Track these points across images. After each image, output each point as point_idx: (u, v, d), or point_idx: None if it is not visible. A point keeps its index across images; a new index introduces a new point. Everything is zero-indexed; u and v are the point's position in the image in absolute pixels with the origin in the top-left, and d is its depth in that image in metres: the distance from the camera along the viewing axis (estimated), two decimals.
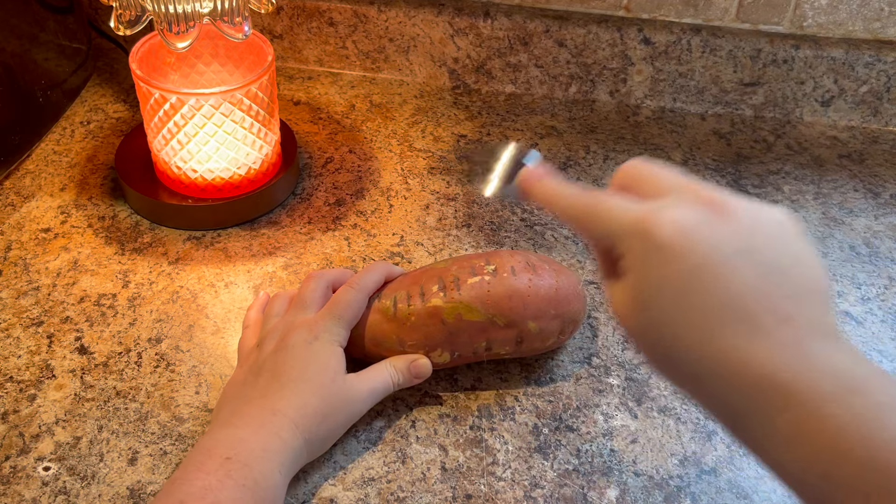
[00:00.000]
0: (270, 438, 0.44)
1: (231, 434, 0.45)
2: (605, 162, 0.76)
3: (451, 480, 0.49)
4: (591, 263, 0.65)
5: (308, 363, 0.48)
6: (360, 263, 0.64)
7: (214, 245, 0.65)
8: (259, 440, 0.44)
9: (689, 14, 0.81)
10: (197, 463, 0.43)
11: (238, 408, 0.47)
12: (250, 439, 0.44)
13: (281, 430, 0.45)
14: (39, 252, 0.63)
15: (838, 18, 0.80)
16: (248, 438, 0.44)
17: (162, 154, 0.64)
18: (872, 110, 0.82)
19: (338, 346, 0.50)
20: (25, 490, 0.48)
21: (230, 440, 0.44)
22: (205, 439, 0.45)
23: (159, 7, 0.55)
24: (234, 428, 0.45)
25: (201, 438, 0.46)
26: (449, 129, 0.79)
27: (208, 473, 0.41)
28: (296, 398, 0.47)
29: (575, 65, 0.83)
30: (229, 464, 0.42)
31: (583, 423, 0.53)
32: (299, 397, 0.47)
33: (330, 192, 0.71)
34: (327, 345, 0.50)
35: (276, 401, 0.47)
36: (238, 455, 0.43)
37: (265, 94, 0.63)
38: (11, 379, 0.54)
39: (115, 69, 0.85)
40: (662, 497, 0.49)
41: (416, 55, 0.84)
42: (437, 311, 0.51)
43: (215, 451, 0.43)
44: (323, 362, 0.49)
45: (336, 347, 0.50)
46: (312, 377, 0.48)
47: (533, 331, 0.52)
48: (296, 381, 0.48)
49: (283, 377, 0.48)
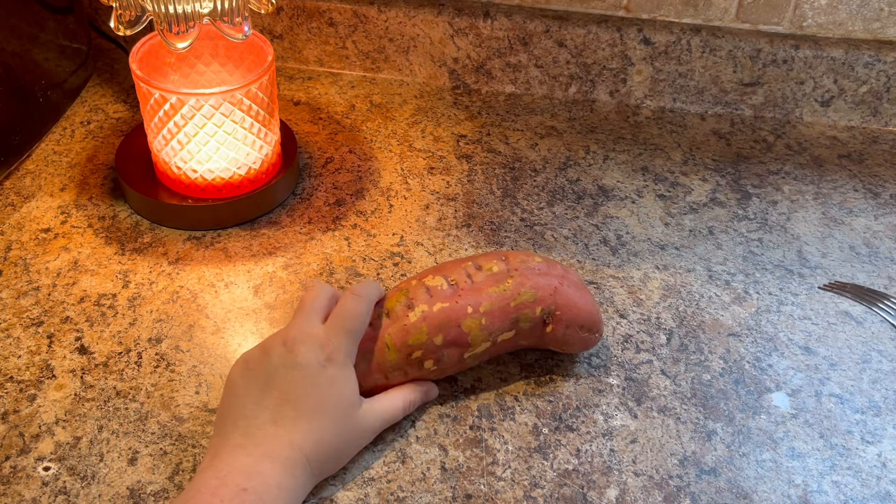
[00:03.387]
0: (286, 477, 0.44)
1: (248, 464, 0.44)
2: (605, 162, 0.76)
3: (451, 480, 0.49)
4: (590, 264, 0.65)
5: (323, 392, 0.46)
6: (360, 263, 0.64)
7: (214, 245, 0.65)
8: (275, 475, 0.43)
9: (689, 14, 0.81)
10: (212, 488, 0.42)
11: (249, 429, 0.45)
12: (268, 473, 0.43)
13: (296, 468, 0.44)
14: (39, 252, 0.63)
15: (838, 18, 0.80)
16: (266, 472, 0.43)
17: (162, 154, 0.64)
18: (872, 110, 0.82)
19: (351, 370, 0.49)
20: (25, 490, 0.48)
21: (248, 471, 0.43)
22: (215, 458, 0.44)
23: (159, 7, 0.55)
24: (251, 457, 0.44)
25: (213, 459, 0.44)
26: (449, 129, 0.79)
27: (223, 501, 0.41)
28: (312, 434, 0.46)
29: (575, 65, 0.83)
30: (245, 495, 0.42)
31: (583, 423, 0.53)
32: (316, 433, 0.46)
33: (330, 192, 0.71)
34: (342, 368, 0.48)
35: (292, 432, 0.45)
36: (255, 488, 0.42)
37: (265, 94, 0.63)
38: (11, 379, 0.54)
39: (115, 69, 0.85)
40: (662, 497, 0.49)
41: (416, 55, 0.84)
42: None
43: (231, 480, 0.42)
44: (339, 392, 0.47)
45: (350, 372, 0.48)
46: (330, 410, 0.46)
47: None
48: (312, 413, 0.46)
49: (299, 404, 0.46)
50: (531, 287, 0.52)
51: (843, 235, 0.70)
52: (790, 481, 0.51)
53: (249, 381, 0.47)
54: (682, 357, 0.58)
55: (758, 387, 0.56)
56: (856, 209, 0.73)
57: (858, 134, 0.82)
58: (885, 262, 0.67)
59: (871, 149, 0.80)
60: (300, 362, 0.47)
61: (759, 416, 0.54)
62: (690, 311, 0.62)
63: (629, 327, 0.60)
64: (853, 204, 0.74)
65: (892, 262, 0.67)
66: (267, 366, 0.47)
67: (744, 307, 0.62)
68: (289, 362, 0.47)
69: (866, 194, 0.75)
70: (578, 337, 0.54)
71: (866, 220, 0.72)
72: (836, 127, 0.83)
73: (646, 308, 0.62)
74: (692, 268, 0.65)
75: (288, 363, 0.47)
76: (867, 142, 0.81)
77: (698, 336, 0.60)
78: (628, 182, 0.74)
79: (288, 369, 0.47)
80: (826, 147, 0.80)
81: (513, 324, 0.52)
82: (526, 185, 0.73)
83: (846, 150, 0.80)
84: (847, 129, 0.83)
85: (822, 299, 0.63)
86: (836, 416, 0.55)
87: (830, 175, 0.77)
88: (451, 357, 0.51)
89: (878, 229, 0.71)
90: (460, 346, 0.51)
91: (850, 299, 0.60)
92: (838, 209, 0.73)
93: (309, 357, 0.47)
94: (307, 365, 0.47)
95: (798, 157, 0.79)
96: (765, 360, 0.58)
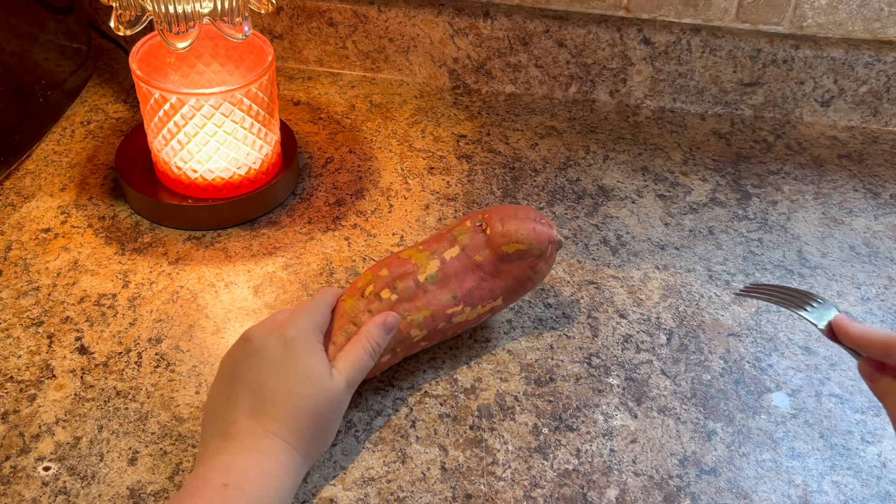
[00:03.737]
0: (268, 462, 0.43)
1: (227, 460, 0.43)
2: (605, 162, 0.76)
3: (451, 480, 0.49)
4: (590, 264, 0.65)
5: (289, 371, 0.46)
6: (360, 263, 0.64)
7: (214, 245, 0.65)
8: (256, 465, 0.43)
9: (689, 14, 0.81)
10: (192, 489, 0.42)
11: (226, 428, 0.45)
12: (247, 464, 0.43)
13: (278, 453, 0.44)
14: (39, 252, 0.63)
15: (838, 18, 0.80)
16: (245, 464, 0.43)
17: (162, 154, 0.64)
18: (872, 110, 0.82)
19: (315, 343, 0.48)
20: (25, 490, 0.48)
21: (225, 465, 0.43)
22: (199, 464, 0.44)
23: (159, 7, 0.55)
24: (229, 453, 0.44)
25: (198, 466, 0.44)
26: (449, 129, 0.79)
27: (205, 501, 0.41)
28: (287, 415, 0.45)
29: (575, 65, 0.83)
30: (226, 490, 0.41)
31: (583, 423, 0.53)
32: (290, 414, 0.45)
33: (330, 192, 0.71)
34: (304, 346, 0.47)
35: (265, 420, 0.44)
36: (235, 481, 0.42)
37: (265, 94, 0.63)
38: (11, 379, 0.54)
39: (115, 69, 0.85)
40: (662, 497, 0.49)
41: (416, 55, 0.84)
42: None
43: (211, 478, 0.42)
44: (305, 366, 0.46)
45: (314, 344, 0.48)
46: (300, 388, 0.46)
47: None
48: (281, 395, 0.45)
49: (265, 391, 0.45)
50: (460, 221, 0.56)
51: (843, 235, 0.70)
52: (790, 481, 0.51)
53: (218, 382, 0.48)
54: (682, 357, 0.58)
55: (758, 387, 0.56)
56: (856, 209, 0.73)
57: (858, 134, 0.82)
58: (885, 262, 0.67)
59: (871, 149, 0.80)
60: (259, 348, 0.47)
61: (759, 416, 0.54)
62: (690, 311, 0.62)
63: (629, 327, 0.60)
64: (853, 204, 0.74)
65: (892, 262, 0.67)
66: (231, 363, 0.48)
67: (744, 307, 0.62)
68: (248, 351, 0.47)
69: (866, 194, 0.75)
70: (525, 227, 0.54)
71: (866, 220, 0.72)
72: (836, 127, 0.83)
73: (646, 308, 0.62)
74: (692, 268, 0.65)
75: (248, 352, 0.47)
76: (867, 142, 0.81)
77: (698, 336, 0.60)
78: (628, 182, 0.74)
79: (248, 358, 0.47)
80: (826, 147, 0.80)
81: (451, 242, 0.54)
82: (526, 185, 0.73)
83: (846, 150, 0.80)
84: (847, 129, 0.83)
85: None
86: (836, 416, 0.55)
87: (830, 175, 0.77)
88: (406, 284, 0.52)
89: (878, 229, 0.71)
90: (408, 272, 0.53)
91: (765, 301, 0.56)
92: (838, 209, 0.73)
93: (267, 341, 0.47)
94: (267, 348, 0.47)
95: (798, 157, 0.79)
96: (765, 360, 0.58)
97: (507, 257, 0.54)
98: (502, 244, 0.54)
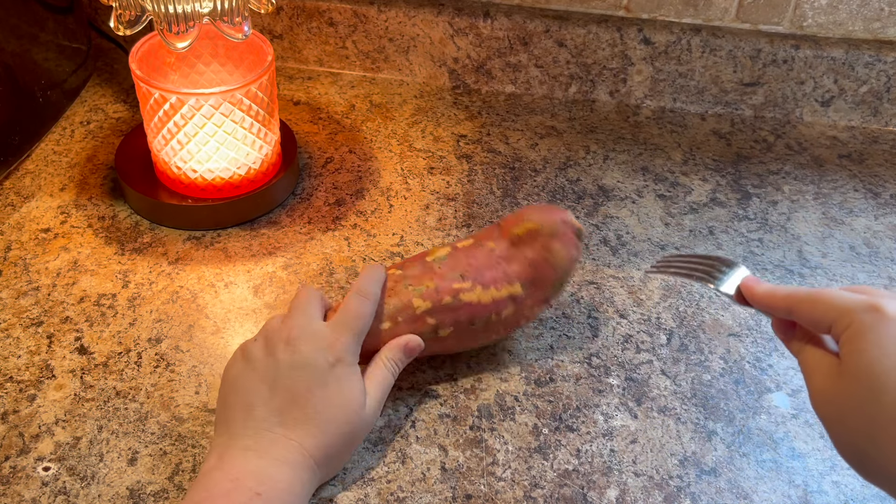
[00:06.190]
0: (296, 482, 0.44)
1: (260, 468, 0.43)
2: (605, 162, 0.76)
3: (451, 480, 0.49)
4: (590, 264, 0.65)
5: (332, 393, 0.46)
6: (360, 263, 0.64)
7: (214, 245, 0.65)
8: (287, 481, 0.44)
9: (689, 14, 0.81)
10: (224, 491, 0.42)
11: (259, 431, 0.45)
12: (280, 479, 0.43)
13: (304, 471, 0.45)
14: (39, 252, 0.63)
15: (838, 18, 0.80)
16: (278, 478, 0.43)
17: (162, 154, 0.64)
18: (872, 110, 0.82)
19: (358, 370, 0.49)
20: (25, 490, 0.48)
21: (260, 475, 0.43)
22: (228, 464, 0.44)
23: (159, 7, 0.55)
24: (262, 461, 0.44)
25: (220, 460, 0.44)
26: (449, 129, 0.79)
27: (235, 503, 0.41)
28: (321, 438, 0.45)
29: (575, 65, 0.83)
30: (258, 500, 0.42)
31: (583, 423, 0.53)
32: (325, 437, 0.46)
33: (330, 192, 0.71)
34: (350, 370, 0.48)
35: (301, 436, 0.45)
36: (267, 493, 0.42)
37: (265, 94, 0.63)
38: (11, 379, 0.54)
39: (115, 69, 0.85)
40: (662, 497, 0.49)
41: (415, 55, 0.84)
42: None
43: (243, 483, 0.42)
44: (348, 396, 0.47)
45: (357, 372, 0.48)
46: (338, 413, 0.46)
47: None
48: (321, 415, 0.46)
49: (308, 407, 0.46)
50: None
51: (844, 235, 0.70)
52: (790, 481, 0.51)
53: (257, 381, 0.47)
54: (683, 357, 0.58)
55: (758, 387, 0.56)
56: (856, 209, 0.73)
57: (858, 134, 0.82)
58: (885, 262, 0.67)
59: (872, 149, 0.80)
60: (308, 362, 0.47)
61: (759, 416, 0.54)
62: (690, 311, 0.62)
63: (629, 327, 0.60)
64: (853, 204, 0.74)
65: (892, 262, 0.67)
66: (274, 365, 0.47)
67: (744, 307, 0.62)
68: (296, 362, 0.47)
69: (866, 194, 0.75)
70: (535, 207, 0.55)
71: (866, 220, 0.72)
72: (836, 127, 0.83)
73: (646, 308, 0.62)
74: None
75: (295, 363, 0.46)
76: (867, 142, 0.81)
77: (698, 336, 0.60)
78: (628, 182, 0.74)
79: (295, 370, 0.46)
80: (826, 147, 0.80)
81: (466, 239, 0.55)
82: (526, 185, 0.73)
83: (846, 150, 0.80)
84: (847, 129, 0.83)
85: None
86: None
87: (830, 175, 0.77)
88: (412, 264, 0.53)
89: (878, 229, 0.71)
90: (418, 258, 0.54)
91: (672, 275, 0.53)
92: (838, 209, 0.73)
93: (316, 357, 0.47)
94: (315, 365, 0.47)
95: (798, 157, 0.79)
96: (765, 360, 0.58)
97: (519, 240, 0.54)
98: (513, 226, 0.54)
